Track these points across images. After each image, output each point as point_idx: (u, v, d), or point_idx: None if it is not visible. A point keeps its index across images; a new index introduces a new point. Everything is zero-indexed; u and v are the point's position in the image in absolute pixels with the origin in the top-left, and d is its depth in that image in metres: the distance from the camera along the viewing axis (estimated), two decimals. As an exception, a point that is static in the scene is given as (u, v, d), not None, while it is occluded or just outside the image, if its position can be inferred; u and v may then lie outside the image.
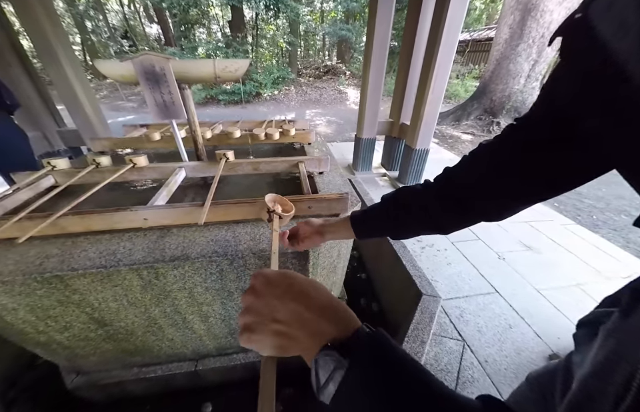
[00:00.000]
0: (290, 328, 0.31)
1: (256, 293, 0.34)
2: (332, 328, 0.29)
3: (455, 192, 0.51)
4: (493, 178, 0.46)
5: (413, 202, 0.56)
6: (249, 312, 0.33)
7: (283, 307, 0.32)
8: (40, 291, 0.74)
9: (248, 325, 0.33)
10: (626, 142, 0.28)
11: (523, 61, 5.27)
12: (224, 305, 0.89)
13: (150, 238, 0.81)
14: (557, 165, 0.39)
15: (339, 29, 11.43)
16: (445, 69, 2.32)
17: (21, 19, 2.27)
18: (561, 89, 0.36)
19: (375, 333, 0.28)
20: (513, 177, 0.43)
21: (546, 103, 0.39)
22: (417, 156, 2.75)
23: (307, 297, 0.32)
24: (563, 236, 2.22)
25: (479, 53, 11.90)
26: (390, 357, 0.25)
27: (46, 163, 1.09)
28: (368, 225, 0.64)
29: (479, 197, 0.48)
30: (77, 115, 2.81)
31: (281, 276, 0.35)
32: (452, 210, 0.52)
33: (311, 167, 1.19)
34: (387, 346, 0.26)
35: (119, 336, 0.96)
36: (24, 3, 2.17)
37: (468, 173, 0.50)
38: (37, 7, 2.20)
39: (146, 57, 0.83)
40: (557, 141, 0.37)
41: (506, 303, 1.54)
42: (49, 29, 2.33)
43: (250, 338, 0.32)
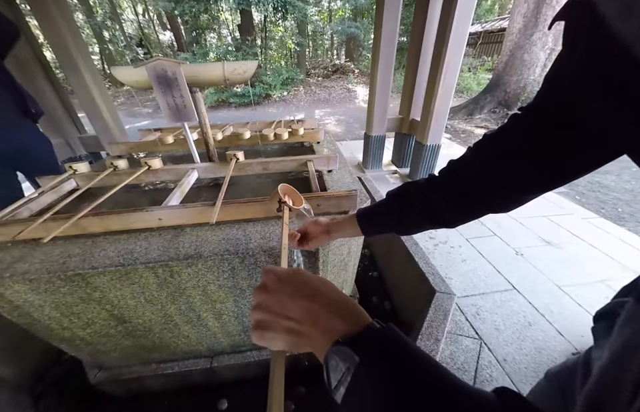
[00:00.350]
0: (302, 325, 0.31)
1: (267, 289, 0.35)
2: (343, 324, 0.29)
3: (459, 184, 0.50)
4: (497, 168, 0.45)
5: (416, 197, 0.56)
6: (261, 309, 0.34)
7: (295, 304, 0.32)
8: (64, 288, 0.78)
9: (260, 322, 0.33)
10: (632, 125, 0.28)
11: (538, 50, 5.07)
12: (236, 302, 0.91)
13: (165, 237, 0.84)
14: (562, 153, 0.38)
15: (347, 27, 11.38)
16: (456, 62, 2.27)
17: (44, 32, 2.39)
18: (565, 74, 0.35)
19: (386, 328, 0.27)
20: (517, 166, 0.42)
21: (550, 90, 0.38)
22: (428, 152, 2.70)
23: (318, 294, 0.33)
24: (585, 230, 2.12)
25: (491, 45, 11.53)
26: (401, 351, 0.25)
27: (68, 167, 1.15)
28: (373, 222, 0.64)
29: (483, 188, 0.48)
30: (96, 121, 2.94)
31: (291, 273, 0.36)
32: (456, 203, 0.51)
33: (320, 165, 1.19)
34: (398, 341, 0.26)
35: (138, 332, 0.99)
36: (47, 17, 2.28)
37: (471, 163, 0.49)
38: (58, 20, 2.31)
39: (158, 63, 0.86)
40: (562, 128, 0.37)
41: (525, 300, 1.49)
42: (70, 41, 2.44)
43: (262, 335, 0.32)
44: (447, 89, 2.38)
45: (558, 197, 2.64)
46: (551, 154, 0.39)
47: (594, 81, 0.30)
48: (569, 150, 0.37)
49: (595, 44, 0.29)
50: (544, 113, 0.39)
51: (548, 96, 0.39)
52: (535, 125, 0.40)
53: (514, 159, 0.42)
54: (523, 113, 0.42)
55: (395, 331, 0.27)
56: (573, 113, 0.35)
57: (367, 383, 0.24)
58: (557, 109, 0.37)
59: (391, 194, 0.61)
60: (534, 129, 0.40)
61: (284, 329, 0.32)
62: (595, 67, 0.30)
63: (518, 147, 0.42)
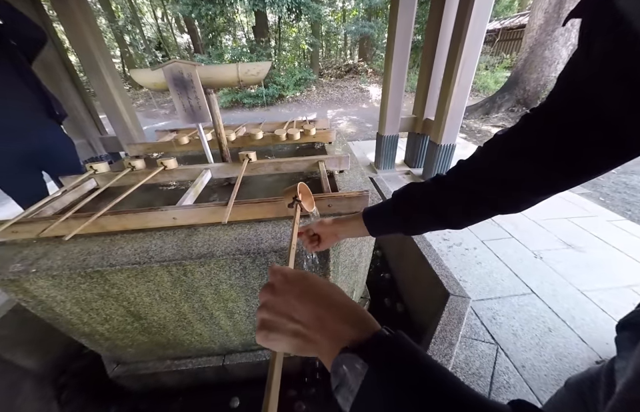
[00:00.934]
0: (308, 329, 0.30)
1: (274, 290, 0.34)
2: (351, 330, 0.28)
3: (468, 185, 0.49)
4: (508, 169, 0.44)
5: (421, 198, 0.55)
6: (267, 309, 0.33)
7: (302, 306, 0.32)
8: (83, 284, 0.81)
9: (266, 322, 0.33)
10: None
11: (560, 47, 4.86)
12: (248, 302, 0.92)
13: (179, 236, 0.86)
14: (575, 153, 0.36)
15: (361, 27, 11.31)
16: (472, 60, 2.20)
17: (69, 37, 2.50)
18: (580, 74, 0.34)
19: (395, 335, 0.26)
20: (529, 167, 0.41)
21: (564, 90, 0.37)
22: (442, 152, 2.64)
23: (326, 298, 0.32)
24: (609, 233, 2.01)
25: (510, 42, 11.14)
26: (411, 359, 0.24)
27: (88, 167, 1.19)
28: (379, 222, 0.63)
29: (493, 188, 0.46)
30: (116, 122, 3.05)
31: (299, 276, 0.35)
32: (464, 203, 0.50)
33: (331, 165, 1.18)
34: (407, 348, 0.25)
35: (153, 329, 1.02)
36: (72, 22, 2.38)
37: (481, 164, 0.48)
38: (82, 25, 2.41)
39: (175, 65, 0.88)
40: (576, 128, 0.35)
41: (544, 304, 1.43)
42: (93, 45, 2.54)
43: (267, 336, 0.32)
44: (463, 87, 2.31)
45: (580, 199, 2.52)
46: (563, 154, 0.37)
47: (613, 79, 0.29)
48: (582, 150, 0.36)
49: (614, 42, 0.28)
50: (557, 113, 0.38)
51: (561, 95, 0.37)
52: (548, 125, 0.38)
53: (526, 159, 0.41)
54: (535, 113, 0.41)
55: (405, 338, 0.26)
56: (587, 112, 0.33)
57: (376, 391, 0.24)
58: (571, 108, 0.35)
59: (396, 194, 0.60)
60: (546, 129, 0.39)
61: (290, 332, 0.31)
62: (614, 65, 0.29)
63: (530, 147, 0.40)
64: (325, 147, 1.55)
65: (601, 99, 0.32)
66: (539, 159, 0.39)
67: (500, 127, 5.17)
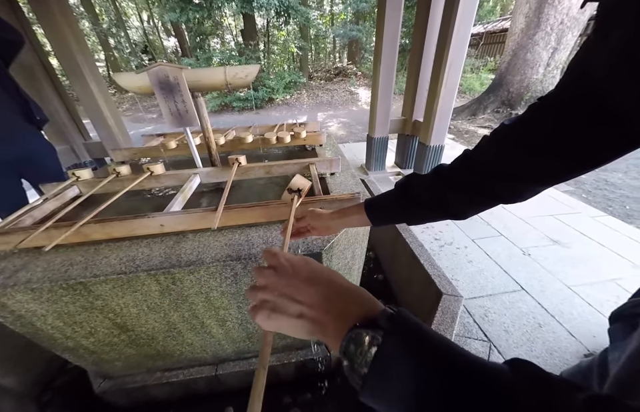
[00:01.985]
0: (315, 311, 0.31)
1: (277, 271, 0.35)
2: (359, 310, 0.29)
3: (472, 177, 0.49)
4: (515, 160, 0.43)
5: (423, 190, 0.55)
6: (270, 290, 0.34)
7: (308, 289, 0.33)
8: (66, 297, 0.78)
9: (267, 303, 0.33)
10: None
11: (541, 50, 5.03)
12: (240, 309, 0.90)
13: (167, 243, 0.83)
14: (585, 146, 0.36)
15: (349, 30, 11.41)
16: (458, 62, 2.25)
17: (50, 40, 2.42)
18: (595, 64, 0.33)
19: (400, 310, 0.28)
20: (537, 159, 0.41)
21: (575, 80, 0.36)
22: (432, 153, 2.68)
23: (332, 282, 0.33)
24: (593, 228, 2.08)
25: (493, 45, 11.48)
26: (417, 331, 0.26)
27: (71, 173, 1.15)
28: (382, 212, 0.63)
29: (498, 180, 0.46)
30: (100, 127, 2.96)
31: (303, 260, 0.36)
32: (468, 195, 0.50)
33: (322, 168, 1.18)
34: (413, 321, 0.27)
35: (141, 341, 0.98)
36: (52, 24, 2.31)
37: (487, 155, 0.48)
38: (64, 27, 2.34)
39: (160, 68, 0.86)
40: (586, 122, 0.35)
41: (534, 300, 1.46)
42: (75, 48, 2.47)
43: (269, 316, 0.32)
44: (450, 89, 2.36)
45: (564, 196, 2.60)
46: (572, 147, 0.37)
47: (631, 73, 0.28)
48: (591, 143, 0.36)
49: (637, 32, 0.27)
50: (567, 105, 0.37)
51: (572, 86, 0.37)
52: (557, 118, 0.38)
53: (534, 152, 0.41)
54: (544, 104, 0.40)
55: (408, 313, 0.27)
56: (600, 106, 0.33)
57: (391, 360, 0.24)
58: (583, 101, 0.35)
59: (399, 184, 0.60)
60: (556, 122, 0.38)
61: (294, 313, 0.32)
62: (635, 57, 0.27)
63: (539, 140, 0.40)
64: (316, 149, 1.55)
65: (614, 92, 0.31)
66: (548, 152, 0.39)
67: (486, 127, 5.31)
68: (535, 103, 0.42)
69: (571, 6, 4.57)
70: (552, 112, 0.39)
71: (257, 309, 0.33)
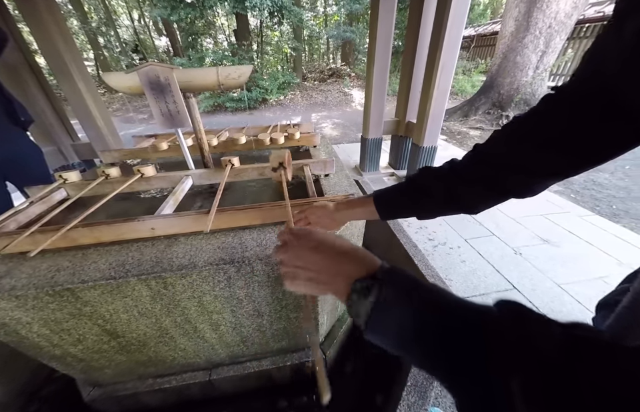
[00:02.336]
0: (324, 275, 0.37)
1: (287, 247, 0.42)
2: (359, 267, 0.34)
3: (484, 168, 0.49)
4: (526, 151, 0.44)
5: (435, 183, 0.55)
6: (285, 264, 0.42)
7: (314, 256, 0.39)
8: (52, 304, 0.75)
9: (287, 274, 0.41)
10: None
11: (530, 53, 5.13)
12: (234, 312, 0.88)
13: (158, 247, 0.81)
14: (596, 139, 0.37)
15: (343, 31, 11.43)
16: (450, 64, 2.28)
17: (36, 39, 2.35)
18: (608, 58, 0.33)
19: (393, 266, 0.33)
20: (548, 150, 0.41)
21: (588, 75, 0.36)
22: (425, 154, 2.70)
23: (333, 246, 0.38)
24: (581, 228, 2.13)
25: (484, 48, 11.66)
26: (412, 278, 0.31)
27: (58, 176, 1.11)
28: (392, 206, 0.63)
29: (508, 170, 0.46)
30: (89, 128, 2.89)
31: (305, 231, 0.43)
32: (479, 188, 0.50)
33: (316, 169, 1.17)
34: (405, 272, 0.32)
35: (132, 347, 0.96)
36: (38, 22, 2.25)
37: (500, 148, 0.48)
38: (51, 26, 2.28)
39: (151, 68, 0.84)
40: (600, 114, 0.35)
41: (525, 299, 1.48)
42: (62, 47, 2.40)
43: (292, 284, 0.41)
44: (442, 91, 2.38)
45: (554, 196, 2.65)
46: (585, 143, 0.37)
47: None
48: (603, 139, 0.36)
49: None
50: (582, 101, 0.37)
51: (585, 81, 0.37)
52: (573, 112, 0.38)
53: (547, 145, 0.41)
54: (558, 97, 0.40)
55: (400, 268, 0.32)
56: (612, 102, 0.33)
57: (387, 303, 0.29)
58: (596, 97, 0.34)
59: (410, 178, 0.60)
60: (571, 116, 0.38)
61: (307, 278, 0.39)
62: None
63: (553, 134, 0.40)
64: (310, 150, 1.54)
65: (627, 88, 0.31)
66: (561, 146, 0.39)
67: (478, 128, 5.38)
68: (550, 96, 0.42)
69: (559, 10, 4.67)
70: (567, 107, 0.39)
71: (283, 279, 0.42)
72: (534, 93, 5.32)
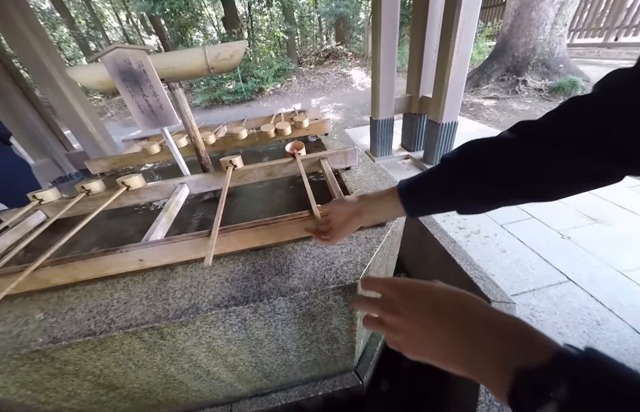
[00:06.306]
0: (457, 357, 0.27)
1: (398, 311, 0.33)
2: (519, 348, 0.23)
3: (589, 125, 0.31)
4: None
5: (495, 162, 0.39)
6: (396, 332, 0.33)
7: (434, 333, 0.29)
8: (23, 367, 0.59)
9: (401, 346, 0.32)
10: None
11: (547, 6, 4.68)
12: (253, 353, 0.71)
13: (149, 283, 0.64)
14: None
15: (336, 7, 10.86)
16: (471, 22, 1.99)
17: (12, 47, 2.17)
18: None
19: (587, 353, 0.21)
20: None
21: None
22: (444, 131, 2.44)
23: (463, 316, 0.28)
24: (633, 200, 1.84)
25: (490, 9, 10.94)
26: (620, 387, 0.19)
27: (32, 196, 0.94)
28: (425, 198, 0.47)
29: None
30: (81, 136, 2.75)
31: (414, 292, 0.33)
32: (572, 156, 0.33)
33: (336, 162, 0.97)
34: (613, 372, 0.20)
35: (136, 395, 0.80)
36: (11, 29, 2.06)
37: (619, 87, 0.31)
38: (27, 34, 2.11)
39: (117, 52, 0.64)
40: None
41: (585, 293, 1.26)
42: (42, 55, 2.23)
43: (415, 354, 0.31)
44: (463, 55, 2.11)
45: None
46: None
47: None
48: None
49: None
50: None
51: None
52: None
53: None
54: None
55: (602, 356, 0.21)
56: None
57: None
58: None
59: (450, 159, 0.44)
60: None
61: (432, 357, 0.30)
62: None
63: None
64: (322, 140, 1.34)
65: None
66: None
67: (492, 98, 5.03)
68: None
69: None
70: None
71: (390, 343, 0.33)
72: (552, 51, 4.90)
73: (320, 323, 0.66)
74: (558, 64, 4.91)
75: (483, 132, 3.53)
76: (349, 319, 0.67)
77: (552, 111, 0.36)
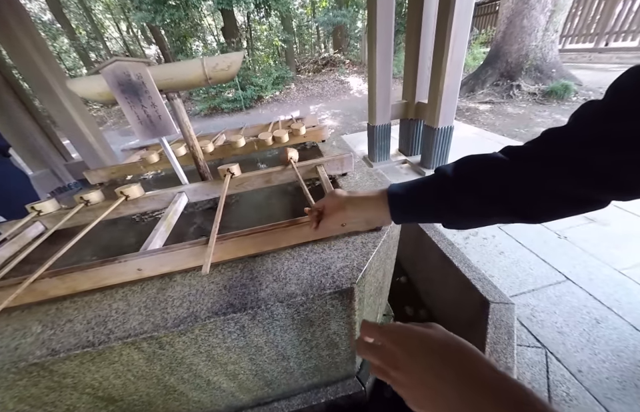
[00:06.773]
0: (449, 400, 0.28)
1: (398, 364, 0.33)
2: (503, 401, 0.24)
3: (571, 151, 0.33)
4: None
5: (487, 178, 0.40)
6: (398, 383, 0.33)
7: (440, 391, 0.29)
8: (21, 381, 0.59)
9: (402, 395, 0.33)
10: None
11: (538, 14, 4.78)
12: (253, 360, 0.71)
13: (148, 292, 0.64)
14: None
15: (333, 17, 11.05)
16: (464, 31, 2.04)
17: (10, 56, 2.19)
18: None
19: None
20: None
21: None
22: (440, 135, 2.47)
23: (472, 376, 0.27)
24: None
25: (483, 17, 11.14)
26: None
27: (30, 208, 0.94)
28: (413, 207, 0.48)
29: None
30: (80, 146, 2.76)
31: (423, 349, 0.32)
32: (565, 179, 0.34)
33: (332, 168, 0.98)
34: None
35: (136, 408, 0.79)
36: (11, 39, 2.08)
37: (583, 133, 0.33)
38: (24, 40, 2.11)
39: (117, 64, 0.65)
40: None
41: (583, 291, 1.27)
42: (41, 65, 2.25)
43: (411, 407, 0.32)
44: (456, 62, 2.16)
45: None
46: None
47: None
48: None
49: None
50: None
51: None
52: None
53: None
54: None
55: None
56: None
57: None
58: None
59: (443, 172, 0.44)
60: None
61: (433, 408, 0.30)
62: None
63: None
64: (319, 146, 1.35)
65: None
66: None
67: (487, 102, 5.10)
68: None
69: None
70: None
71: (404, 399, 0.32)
72: (544, 57, 4.99)
73: (319, 329, 0.67)
74: (551, 69, 5.00)
75: (480, 136, 3.57)
76: (347, 324, 0.67)
77: (537, 137, 0.37)
